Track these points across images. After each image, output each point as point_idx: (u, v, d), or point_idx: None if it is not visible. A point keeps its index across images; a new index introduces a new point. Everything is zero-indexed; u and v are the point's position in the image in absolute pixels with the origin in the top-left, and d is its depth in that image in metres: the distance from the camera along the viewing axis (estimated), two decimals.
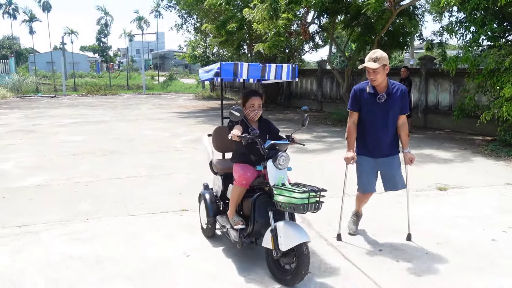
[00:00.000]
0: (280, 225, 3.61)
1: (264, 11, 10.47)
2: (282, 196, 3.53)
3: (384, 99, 4.27)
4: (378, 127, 4.37)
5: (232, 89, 28.66)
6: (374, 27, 13.21)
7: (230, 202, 4.18)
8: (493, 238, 4.74)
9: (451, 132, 12.41)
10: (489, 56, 9.29)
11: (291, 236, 3.52)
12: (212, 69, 4.51)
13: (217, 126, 4.98)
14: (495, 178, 7.37)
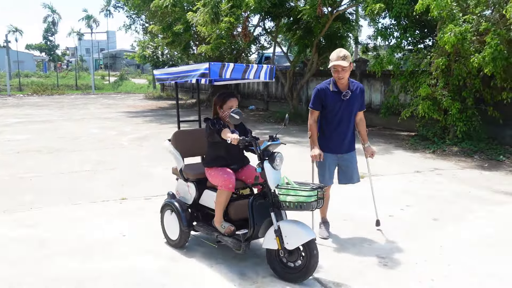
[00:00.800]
0: (284, 224, 3.65)
1: (206, 14, 11.05)
2: (290, 196, 3.56)
3: (349, 95, 4.47)
4: (343, 124, 4.55)
5: (183, 89, 28.98)
6: (313, 31, 14.08)
7: (216, 209, 4.03)
8: (391, 214, 5.58)
9: (382, 129, 13.47)
10: (409, 59, 10.33)
11: (298, 234, 3.57)
12: (195, 70, 3.99)
13: (176, 131, 4.68)
14: (408, 168, 8.33)
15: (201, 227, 4.27)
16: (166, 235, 4.58)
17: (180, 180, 4.57)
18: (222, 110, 4.17)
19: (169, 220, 4.48)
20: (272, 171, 3.68)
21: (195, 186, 4.36)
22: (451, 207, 5.96)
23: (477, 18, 8.79)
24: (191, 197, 4.41)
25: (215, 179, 4.07)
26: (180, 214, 4.28)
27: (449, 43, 8.56)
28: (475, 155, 9.28)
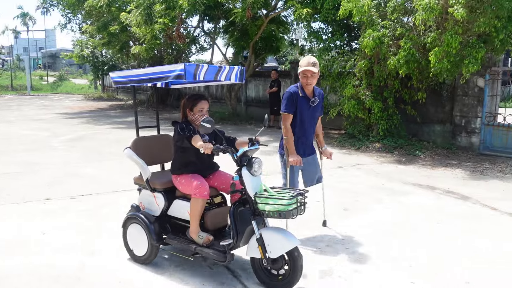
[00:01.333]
0: (266, 232, 3.53)
1: (138, 16, 11.11)
2: (268, 205, 3.46)
3: (316, 102, 4.58)
4: (308, 128, 4.65)
5: (124, 89, 28.49)
6: (249, 33, 14.45)
7: (191, 219, 3.80)
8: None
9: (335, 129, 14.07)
10: (336, 61, 10.92)
11: (280, 242, 3.47)
12: (169, 72, 3.67)
13: (135, 138, 4.42)
14: (332, 164, 8.82)
15: (174, 240, 3.97)
16: (130, 252, 4.24)
17: (144, 190, 4.26)
18: (192, 113, 3.97)
19: (135, 234, 4.14)
20: (250, 178, 3.55)
21: (164, 196, 4.06)
22: (363, 198, 6.47)
23: (394, 24, 9.46)
24: (158, 209, 4.09)
25: (187, 187, 3.86)
26: (149, 227, 3.97)
27: (368, 46, 9.17)
28: (395, 151, 9.99)
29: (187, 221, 3.89)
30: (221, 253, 3.63)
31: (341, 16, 9.90)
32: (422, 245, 4.68)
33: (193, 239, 3.82)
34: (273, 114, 14.11)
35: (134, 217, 4.14)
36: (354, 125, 11.19)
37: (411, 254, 4.43)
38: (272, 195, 3.51)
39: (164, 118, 16.64)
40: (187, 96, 4.06)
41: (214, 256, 3.68)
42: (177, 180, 3.99)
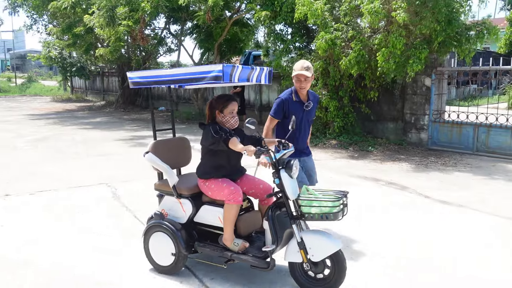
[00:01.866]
0: (308, 236, 3.49)
1: (101, 18, 11.32)
2: (315, 208, 3.42)
3: (310, 106, 4.62)
4: (304, 131, 4.70)
5: (93, 91, 28.42)
6: (213, 35, 14.82)
7: (225, 225, 3.67)
8: None
9: None
10: (294, 62, 11.38)
11: (323, 245, 3.43)
12: (207, 72, 3.51)
13: (154, 141, 4.20)
14: None
15: (204, 247, 3.83)
16: (153, 262, 4.05)
17: (167, 197, 4.06)
18: (222, 114, 3.81)
19: (159, 244, 3.95)
20: (290, 180, 3.49)
21: (191, 202, 3.89)
22: None
23: (346, 26, 9.99)
24: (185, 216, 3.92)
25: (218, 193, 3.73)
26: (176, 235, 3.79)
27: (321, 48, 9.67)
28: (350, 147, 10.51)
29: (216, 227, 3.79)
30: (261, 259, 3.54)
31: (297, 19, 10.39)
32: (354, 231, 5.15)
33: (226, 246, 3.68)
34: (238, 114, 14.49)
35: (159, 225, 3.91)
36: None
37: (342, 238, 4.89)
38: (318, 197, 3.45)
39: (133, 119, 16.87)
40: (216, 97, 3.91)
41: (255, 262, 3.56)
42: (205, 185, 3.84)
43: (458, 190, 6.90)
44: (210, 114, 3.89)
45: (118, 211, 5.84)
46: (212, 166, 3.82)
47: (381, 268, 4.17)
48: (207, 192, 3.82)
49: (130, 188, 6.95)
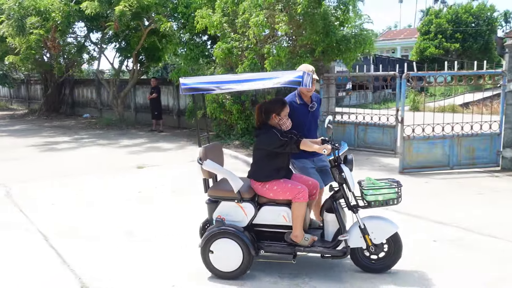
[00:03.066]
0: (369, 222, 3.94)
1: (10, 27, 11.63)
2: (381, 195, 3.87)
3: (315, 107, 4.76)
4: (311, 131, 4.78)
5: (18, 99, 27.82)
6: (131, 44, 15.41)
7: (295, 223, 3.90)
8: (140, 191, 7.17)
9: (194, 130, 15.20)
10: (200, 69, 12.26)
11: (383, 229, 3.91)
12: (297, 76, 3.66)
13: (203, 148, 4.24)
14: (189, 158, 10.13)
15: (270, 247, 4.02)
16: (214, 270, 4.07)
17: (224, 202, 4.10)
18: (279, 117, 4.02)
19: (224, 250, 3.98)
20: (349, 173, 3.89)
21: (253, 204, 4.03)
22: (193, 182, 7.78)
23: (242, 36, 11.00)
24: (247, 218, 4.02)
25: (284, 193, 3.94)
26: (244, 239, 3.91)
27: (218, 56, 10.62)
28: (251, 147, 11.50)
29: (278, 226, 4.01)
30: (333, 249, 3.91)
31: (198, 29, 11.28)
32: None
33: (295, 243, 3.94)
34: (154, 118, 15.17)
35: (225, 231, 3.96)
36: (218, 126, 12.61)
37: None
38: (381, 186, 3.93)
39: (53, 126, 17.03)
40: (270, 101, 4.15)
41: (331, 252, 3.92)
42: (265, 187, 3.99)
43: None
44: (264, 117, 4.04)
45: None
46: (272, 169, 3.99)
47: None
48: (268, 194, 3.99)
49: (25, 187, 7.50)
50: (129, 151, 11.32)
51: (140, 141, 12.91)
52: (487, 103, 15.10)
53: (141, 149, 11.55)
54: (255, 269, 4.13)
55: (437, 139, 8.49)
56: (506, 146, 8.56)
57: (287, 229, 3.97)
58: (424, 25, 33.89)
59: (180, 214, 5.97)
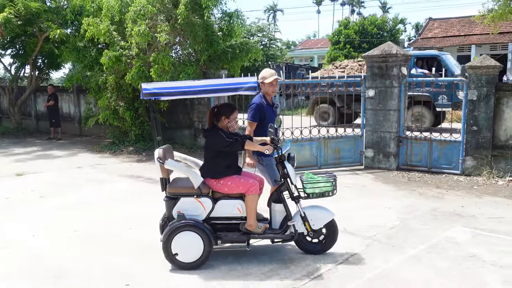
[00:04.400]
0: (308, 211, 4.45)
1: None
2: (318, 188, 4.39)
3: (278, 107, 5.30)
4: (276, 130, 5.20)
5: None
6: (26, 50, 15.05)
7: (249, 213, 4.29)
8: (7, 197, 7.21)
9: (95, 137, 15.00)
10: (93, 77, 12.31)
11: (321, 216, 4.44)
12: (244, 83, 4.11)
13: (161, 149, 4.49)
14: (74, 164, 10.18)
15: (227, 237, 4.40)
16: (175, 261, 4.31)
17: (183, 198, 4.36)
18: (228, 120, 4.38)
19: (185, 242, 4.24)
20: (291, 169, 4.39)
21: (211, 199, 4.36)
22: (72, 185, 7.94)
23: (131, 45, 11.25)
24: (205, 212, 4.34)
25: (237, 187, 4.31)
26: (205, 230, 4.22)
27: (106, 64, 10.79)
28: (144, 152, 11.72)
29: (234, 218, 4.38)
30: (282, 234, 4.41)
31: (87, 38, 11.37)
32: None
33: (250, 231, 4.35)
34: (52, 126, 14.89)
35: (185, 224, 4.23)
36: (113, 132, 12.70)
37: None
38: (319, 180, 4.45)
39: None
40: (221, 105, 4.49)
41: (280, 237, 4.44)
42: (219, 183, 4.33)
43: None
44: (215, 119, 4.41)
45: None
46: (224, 166, 4.33)
47: None
48: (223, 189, 4.33)
49: None
50: (16, 159, 11.12)
51: (33, 149, 12.67)
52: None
53: (30, 157, 11.39)
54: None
55: (305, 141, 9.27)
56: (367, 147, 9.54)
57: (241, 220, 4.38)
58: (334, 35, 35.87)
59: (42, 218, 6.12)
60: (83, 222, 5.90)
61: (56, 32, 11.86)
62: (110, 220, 6.02)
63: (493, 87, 8.25)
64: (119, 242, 5.16)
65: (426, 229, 5.52)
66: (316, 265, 4.41)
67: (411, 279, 4.14)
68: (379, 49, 9.42)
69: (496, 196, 7.11)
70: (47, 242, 5.20)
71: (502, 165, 8.28)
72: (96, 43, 12.75)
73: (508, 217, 6.02)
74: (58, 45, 14.71)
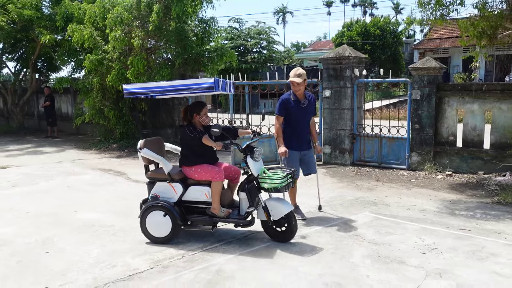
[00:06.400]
0: (269, 202, 4.81)
1: None
2: (267, 184, 4.74)
3: (306, 104, 5.59)
4: (302, 126, 5.68)
5: None
6: (27, 54, 16.12)
7: (213, 198, 4.79)
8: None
9: (89, 136, 15.69)
10: (79, 79, 13.23)
11: (279, 208, 4.75)
12: (201, 83, 4.67)
13: (144, 140, 5.17)
14: (56, 159, 11.06)
15: (196, 218, 4.93)
16: (149, 235, 4.99)
17: (159, 183, 5.04)
18: (199, 116, 4.94)
19: (156, 220, 4.90)
20: (253, 162, 4.77)
21: (181, 184, 4.95)
22: (46, 177, 8.79)
23: (113, 49, 12.09)
24: (176, 196, 4.94)
25: (205, 174, 4.82)
26: (173, 211, 4.81)
27: (88, 66, 11.67)
28: (126, 149, 12.51)
29: (203, 202, 4.91)
30: (243, 219, 4.83)
31: (74, 43, 12.26)
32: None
33: (215, 214, 4.84)
34: (49, 125, 15.88)
35: (156, 205, 4.90)
36: (99, 131, 13.60)
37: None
38: (269, 176, 4.78)
39: None
40: (192, 103, 5.05)
41: (240, 222, 4.84)
42: (191, 170, 4.88)
43: None
44: (187, 116, 5.00)
45: None
46: (195, 156, 4.87)
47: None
48: (194, 176, 4.87)
49: None
50: (7, 154, 12.09)
51: (27, 146, 13.66)
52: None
53: (21, 153, 12.34)
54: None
55: (265, 138, 9.93)
56: (325, 144, 10.14)
57: (209, 205, 4.90)
58: (338, 37, 36.24)
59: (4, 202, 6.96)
60: (38, 206, 6.72)
61: (47, 37, 12.82)
62: (61, 204, 6.81)
63: (434, 87, 8.78)
64: (59, 221, 5.95)
65: (334, 214, 6.13)
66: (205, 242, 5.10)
67: (283, 252, 4.77)
68: (334, 52, 10.04)
69: (425, 188, 7.65)
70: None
71: (444, 160, 8.80)
72: (85, 48, 13.68)
73: (419, 205, 6.58)
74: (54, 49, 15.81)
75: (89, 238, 5.24)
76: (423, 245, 4.91)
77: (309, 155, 5.85)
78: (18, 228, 5.68)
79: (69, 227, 5.68)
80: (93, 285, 3.99)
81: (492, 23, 7.29)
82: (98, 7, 11.73)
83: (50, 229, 5.59)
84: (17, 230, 5.62)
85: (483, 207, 6.49)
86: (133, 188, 7.94)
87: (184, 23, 11.31)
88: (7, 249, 4.95)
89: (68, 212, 6.39)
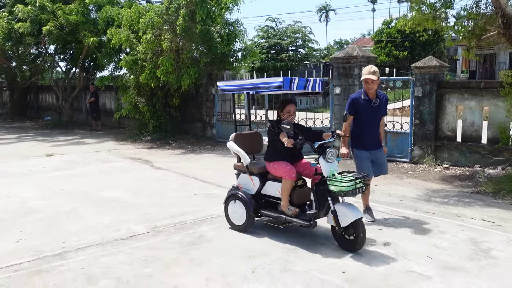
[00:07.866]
0: (338, 207, 4.55)
1: None
2: (334, 186, 4.39)
3: (378, 103, 5.38)
4: (372, 126, 5.45)
5: None
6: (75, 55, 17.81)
7: (282, 195, 4.82)
8: (31, 169, 9.48)
9: (128, 129, 17.03)
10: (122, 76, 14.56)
11: (348, 215, 4.46)
12: (271, 83, 4.80)
13: (235, 133, 5.47)
14: (93, 149, 12.41)
15: (267, 212, 5.06)
16: (230, 221, 5.36)
17: (242, 174, 5.33)
18: (282, 113, 5.02)
19: (235, 208, 5.24)
20: (325, 163, 4.56)
21: (259, 178, 5.11)
22: (84, 164, 10.09)
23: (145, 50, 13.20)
24: (254, 188, 5.14)
25: (279, 171, 4.86)
26: (247, 202, 5.04)
27: (124, 66, 12.96)
28: (158, 141, 13.71)
29: (278, 198, 4.97)
30: (307, 221, 4.69)
31: (113, 45, 13.59)
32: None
33: (283, 212, 4.87)
34: (93, 120, 17.48)
35: (234, 195, 5.24)
36: (135, 124, 14.92)
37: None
38: (338, 179, 4.45)
39: (14, 127, 19.35)
40: (281, 100, 5.19)
41: (301, 223, 4.74)
42: (270, 165, 5.00)
43: (182, 162, 10.33)
44: (277, 113, 5.15)
45: None
46: (275, 151, 4.98)
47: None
48: (271, 171, 5.00)
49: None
50: (54, 144, 13.62)
51: (72, 138, 15.21)
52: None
53: (66, 143, 13.83)
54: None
55: None
56: None
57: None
58: (377, 34, 36.24)
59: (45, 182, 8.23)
60: (71, 185, 7.93)
61: (90, 40, 14.27)
62: (91, 185, 7.99)
63: (435, 85, 9.29)
64: (85, 197, 7.10)
65: None
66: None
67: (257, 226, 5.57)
68: (343, 51, 10.72)
69: (417, 179, 8.22)
70: (36, 195, 7.24)
71: (444, 154, 9.30)
72: (123, 49, 15.06)
73: (401, 192, 7.21)
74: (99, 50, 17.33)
75: (105, 210, 6.34)
76: (385, 223, 5.61)
77: (380, 155, 5.64)
78: (51, 201, 6.88)
79: (92, 202, 6.81)
80: (100, 242, 5.04)
81: None
82: (134, 12, 12.98)
83: (76, 203, 6.74)
84: (50, 202, 6.83)
85: (461, 195, 7.03)
86: (153, 173, 9.05)
87: (209, 26, 12.30)
88: (40, 215, 6.13)
89: (95, 190, 7.54)
